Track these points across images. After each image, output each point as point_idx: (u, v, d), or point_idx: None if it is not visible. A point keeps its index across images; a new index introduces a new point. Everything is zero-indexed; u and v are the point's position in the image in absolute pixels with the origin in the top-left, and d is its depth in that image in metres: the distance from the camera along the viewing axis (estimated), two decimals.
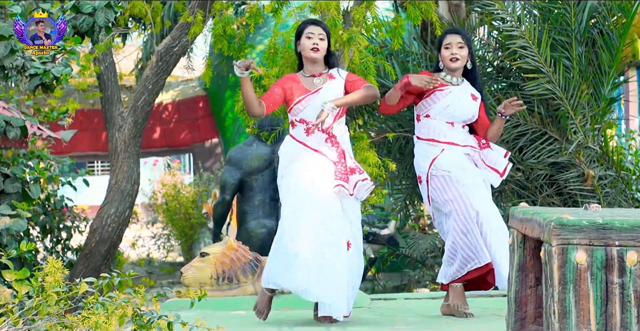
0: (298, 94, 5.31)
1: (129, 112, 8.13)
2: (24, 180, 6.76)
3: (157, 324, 3.62)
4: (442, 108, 5.51)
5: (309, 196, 5.20)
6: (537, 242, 3.79)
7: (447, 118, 5.53)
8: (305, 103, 5.30)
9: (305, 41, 5.29)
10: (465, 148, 5.54)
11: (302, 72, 5.41)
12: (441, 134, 5.53)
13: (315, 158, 5.28)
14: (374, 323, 5.40)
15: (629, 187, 7.97)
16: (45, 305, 3.52)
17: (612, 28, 7.70)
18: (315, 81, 5.36)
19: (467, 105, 5.55)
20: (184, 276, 6.08)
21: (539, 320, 3.86)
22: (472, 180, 5.49)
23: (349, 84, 5.36)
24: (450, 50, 5.49)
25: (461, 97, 5.53)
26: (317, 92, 5.32)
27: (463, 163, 5.51)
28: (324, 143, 5.29)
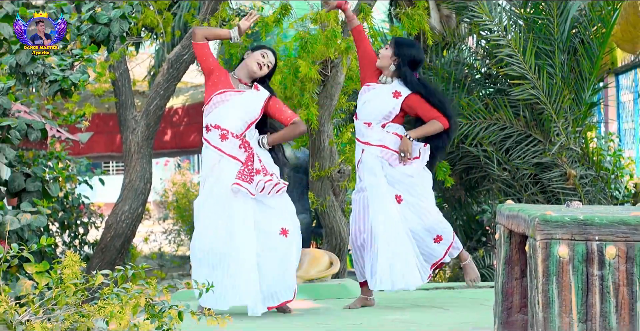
0: (221, 86, 5.22)
1: (142, 115, 8.12)
2: (43, 179, 6.76)
3: (168, 313, 3.61)
4: (361, 105, 5.47)
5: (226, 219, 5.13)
6: (523, 236, 3.78)
7: (365, 118, 5.45)
8: (225, 97, 5.19)
9: (257, 57, 5.24)
10: (377, 149, 5.40)
11: (233, 73, 5.32)
12: (360, 134, 5.49)
13: (234, 166, 5.14)
14: (369, 312, 5.39)
15: (608, 186, 7.97)
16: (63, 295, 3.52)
17: (593, 37, 7.71)
18: (241, 86, 5.28)
19: (385, 103, 5.41)
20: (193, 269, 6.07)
21: (524, 309, 3.86)
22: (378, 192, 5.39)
23: (272, 108, 5.27)
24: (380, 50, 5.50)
25: (380, 94, 5.42)
26: (239, 93, 5.21)
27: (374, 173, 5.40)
28: (237, 149, 5.17)
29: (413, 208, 5.43)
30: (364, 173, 5.46)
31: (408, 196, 5.42)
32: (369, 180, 5.43)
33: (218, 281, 4.99)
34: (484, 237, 9.26)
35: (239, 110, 5.19)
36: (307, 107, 6.44)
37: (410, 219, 5.42)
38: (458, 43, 8.38)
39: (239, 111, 5.19)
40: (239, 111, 5.19)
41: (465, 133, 7.88)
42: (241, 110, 5.19)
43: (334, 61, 6.44)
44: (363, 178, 5.47)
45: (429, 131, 5.41)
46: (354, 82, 6.54)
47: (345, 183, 6.98)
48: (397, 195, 5.42)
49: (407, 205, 5.42)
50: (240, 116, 5.19)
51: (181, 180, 14.33)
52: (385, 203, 5.39)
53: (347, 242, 7.07)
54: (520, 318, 3.88)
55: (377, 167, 5.41)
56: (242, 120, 5.19)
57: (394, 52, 5.42)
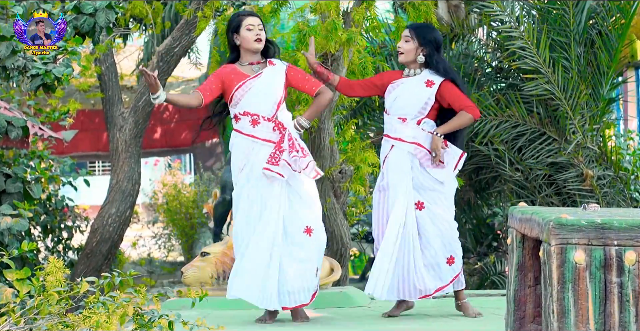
0: (237, 80, 5.27)
1: (130, 112, 8.13)
2: (25, 180, 6.77)
3: (158, 323, 3.62)
4: (392, 101, 5.48)
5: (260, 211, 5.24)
6: (536, 241, 3.79)
7: (399, 113, 5.47)
8: (246, 87, 5.25)
9: (247, 33, 5.26)
10: (411, 146, 5.41)
11: (239, 62, 5.36)
12: (392, 130, 5.49)
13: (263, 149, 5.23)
14: (373, 322, 5.40)
15: (628, 187, 7.97)
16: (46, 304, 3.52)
17: (611, 29, 7.70)
18: (254, 68, 5.33)
19: (419, 94, 5.42)
20: (185, 276, 6.08)
21: (537, 319, 3.87)
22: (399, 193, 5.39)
23: (294, 79, 5.36)
24: (399, 44, 5.50)
25: (411, 87, 5.43)
26: (257, 77, 5.28)
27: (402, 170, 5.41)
28: (272, 132, 5.26)
29: (435, 219, 5.41)
30: (388, 171, 5.46)
31: (432, 204, 5.41)
32: (393, 178, 5.43)
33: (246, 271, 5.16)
34: (495, 241, 9.26)
35: (264, 93, 5.26)
36: (306, 103, 6.44)
37: (430, 230, 5.40)
38: (467, 35, 8.38)
39: (264, 94, 5.26)
40: (264, 94, 5.26)
41: (475, 130, 7.88)
42: (267, 92, 5.27)
43: (335, 54, 6.44)
44: (386, 175, 5.47)
45: (459, 124, 5.40)
46: (356, 76, 6.53)
47: (347, 184, 6.98)
48: (420, 202, 5.40)
49: (429, 214, 5.41)
50: (267, 98, 5.27)
51: (172, 181, 14.33)
52: (403, 209, 5.37)
53: (349, 247, 7.07)
54: (533, 328, 3.88)
55: (405, 166, 5.41)
56: (271, 102, 5.27)
57: (420, 42, 5.42)
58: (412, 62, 5.47)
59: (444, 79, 5.42)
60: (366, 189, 7.05)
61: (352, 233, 8.42)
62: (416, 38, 5.42)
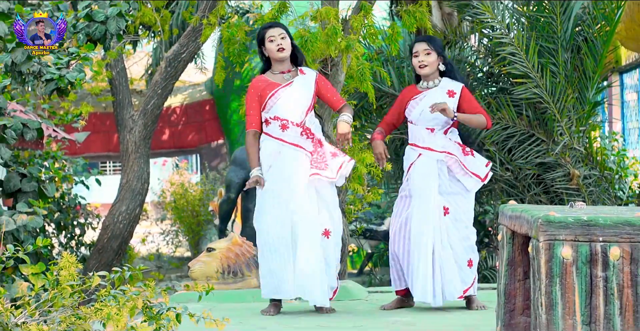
0: (269, 89, 5.31)
1: (140, 115, 8.12)
2: (39, 179, 6.76)
3: (166, 316, 3.61)
4: (418, 115, 5.45)
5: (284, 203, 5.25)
6: (526, 237, 3.79)
7: (426, 124, 5.45)
8: (278, 95, 5.29)
9: (270, 45, 5.31)
10: (441, 154, 5.41)
11: (270, 71, 5.41)
12: (420, 139, 5.46)
13: (295, 154, 5.26)
14: (370, 314, 5.39)
15: (612, 186, 7.97)
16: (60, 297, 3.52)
17: (596, 35, 7.70)
18: (286, 76, 5.37)
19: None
20: (192, 270, 6.08)
21: (527, 311, 3.86)
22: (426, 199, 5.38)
23: (323, 88, 5.39)
24: (418, 58, 5.44)
25: (436, 98, 5.42)
26: (289, 85, 5.32)
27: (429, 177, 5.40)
28: (299, 137, 5.29)
29: (457, 223, 5.40)
30: (414, 178, 5.42)
31: (456, 210, 5.40)
32: (419, 185, 5.38)
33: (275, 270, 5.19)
34: (486, 238, 9.26)
35: (295, 100, 5.30)
36: None
37: (453, 234, 5.39)
38: (460, 41, 8.38)
39: (295, 101, 5.30)
40: (295, 101, 5.30)
41: (468, 132, 7.87)
42: (297, 100, 5.31)
43: (334, 59, 6.43)
44: (412, 182, 5.42)
45: (474, 121, 5.41)
46: (355, 80, 6.53)
47: (346, 184, 6.97)
48: (445, 207, 5.38)
49: (452, 220, 5.40)
50: (297, 105, 5.30)
51: (179, 181, 14.32)
52: (432, 213, 5.35)
53: (348, 243, 7.06)
54: (523, 321, 3.88)
55: (432, 173, 5.39)
56: (300, 109, 5.30)
57: (438, 52, 5.44)
58: (432, 74, 5.47)
59: (462, 86, 5.46)
60: (364, 188, 7.05)
61: (350, 230, 8.42)
62: (434, 49, 5.42)
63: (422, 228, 5.34)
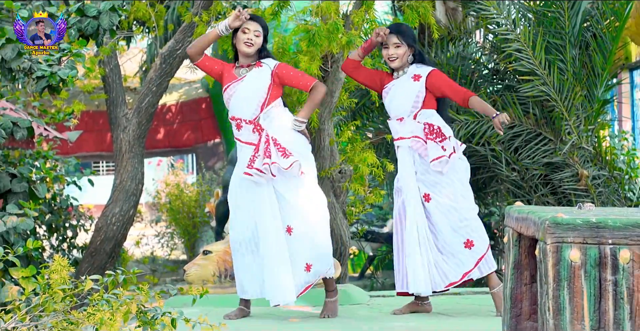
0: (227, 81, 5.39)
1: (133, 113, 8.12)
2: (30, 179, 6.76)
3: (161, 320, 3.61)
4: (388, 105, 5.54)
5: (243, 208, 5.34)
6: (532, 240, 3.78)
7: (396, 114, 5.51)
8: (231, 91, 5.36)
9: (241, 35, 5.35)
10: (409, 140, 5.44)
11: (237, 62, 5.46)
12: (395, 131, 5.55)
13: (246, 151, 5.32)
14: (372, 319, 5.40)
15: (622, 187, 7.97)
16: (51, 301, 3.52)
17: (605, 31, 7.70)
18: (242, 71, 5.41)
19: (408, 91, 5.45)
20: (187, 274, 6.08)
21: (533, 316, 3.86)
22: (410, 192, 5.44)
23: (286, 77, 5.35)
24: (388, 51, 5.49)
25: (400, 86, 5.47)
26: (240, 80, 5.36)
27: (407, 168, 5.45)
28: (252, 134, 5.33)
29: (441, 207, 5.41)
30: (400, 172, 5.52)
31: (437, 195, 5.42)
32: (403, 179, 5.48)
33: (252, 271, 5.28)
34: (492, 240, 9.26)
35: (245, 97, 5.32)
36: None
37: (438, 220, 5.41)
38: (464, 37, 8.38)
39: (246, 97, 5.32)
40: (246, 97, 5.32)
41: (472, 131, 7.88)
42: (248, 96, 5.32)
43: (335, 56, 6.43)
44: (400, 177, 5.52)
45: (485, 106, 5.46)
46: None
47: (346, 184, 6.97)
48: (426, 194, 5.42)
49: (436, 204, 5.42)
50: (249, 101, 5.32)
51: (174, 181, 14.33)
52: (414, 203, 5.41)
53: (349, 246, 7.07)
54: (529, 326, 3.88)
55: (409, 162, 5.46)
56: (253, 105, 5.32)
57: (408, 44, 5.48)
58: (403, 65, 5.51)
59: (431, 69, 5.47)
60: (365, 189, 7.05)
61: (351, 232, 8.42)
62: (404, 41, 5.46)
63: (410, 223, 5.40)
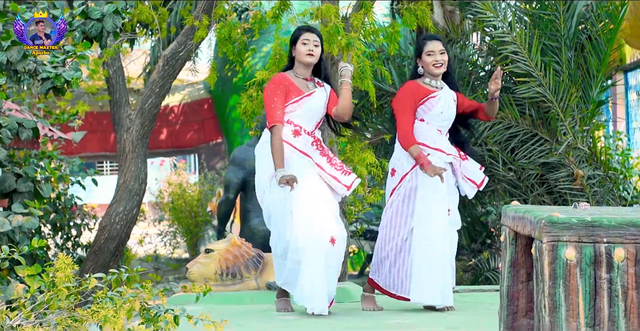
0: (295, 94, 5.36)
1: (137, 114, 8.12)
2: (35, 179, 6.76)
3: (164, 318, 3.61)
4: (436, 115, 5.49)
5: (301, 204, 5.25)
6: (529, 239, 3.78)
7: (438, 125, 5.50)
8: (302, 104, 5.36)
9: (301, 47, 5.37)
10: (449, 157, 5.49)
11: (294, 73, 5.44)
12: (430, 140, 5.50)
13: (304, 162, 5.30)
14: (371, 317, 5.39)
15: (617, 186, 7.96)
16: (56, 299, 3.52)
17: (600, 33, 7.70)
18: (309, 85, 5.43)
19: (453, 109, 5.57)
20: (190, 272, 6.08)
21: (530, 314, 3.86)
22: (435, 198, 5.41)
23: (332, 100, 5.46)
24: (434, 57, 5.45)
25: (448, 101, 5.53)
26: (310, 96, 5.39)
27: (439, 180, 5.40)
28: (310, 146, 5.36)
29: (453, 225, 5.54)
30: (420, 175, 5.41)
31: (452, 211, 5.51)
32: (427, 183, 5.39)
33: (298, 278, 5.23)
34: (489, 239, 9.25)
35: (313, 112, 5.40)
36: None
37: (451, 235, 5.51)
38: (462, 40, 8.37)
39: (313, 112, 5.41)
40: (313, 112, 5.41)
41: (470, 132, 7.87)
42: (315, 111, 5.42)
43: (335, 58, 6.43)
44: (419, 180, 5.42)
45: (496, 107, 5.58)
46: (355, 79, 6.52)
47: None
48: (448, 209, 5.49)
49: (450, 220, 5.51)
50: (314, 116, 5.43)
51: (177, 181, 14.33)
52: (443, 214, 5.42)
53: (348, 245, 7.06)
54: (526, 323, 3.88)
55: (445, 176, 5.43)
56: (314, 120, 5.43)
57: (448, 53, 5.52)
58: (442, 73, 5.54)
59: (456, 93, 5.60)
60: (364, 188, 7.05)
61: (350, 231, 8.41)
62: (447, 50, 5.53)
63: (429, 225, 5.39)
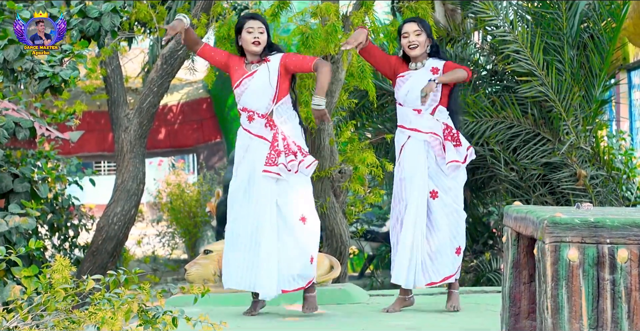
0: (237, 77, 5.42)
1: (135, 113, 8.11)
2: (32, 179, 6.75)
3: (162, 319, 3.61)
4: (404, 95, 5.51)
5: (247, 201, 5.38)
6: (531, 239, 3.78)
7: (412, 105, 5.49)
8: (243, 86, 5.39)
9: (247, 35, 5.39)
10: (427, 135, 5.46)
11: (245, 59, 5.49)
12: (407, 121, 5.52)
13: (260, 146, 5.35)
14: (372, 318, 5.39)
15: (620, 186, 7.96)
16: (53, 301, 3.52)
17: (603, 32, 7.70)
18: (252, 66, 5.45)
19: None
20: (188, 273, 6.08)
21: (532, 315, 3.86)
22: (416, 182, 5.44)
23: (291, 64, 5.37)
24: (408, 39, 5.48)
25: (420, 78, 5.47)
26: (251, 76, 5.40)
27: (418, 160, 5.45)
28: (264, 128, 5.37)
29: (446, 208, 5.47)
30: (405, 161, 5.50)
31: (444, 194, 5.46)
32: (409, 168, 5.48)
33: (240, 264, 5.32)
34: (491, 239, 9.25)
35: (257, 90, 5.37)
36: (306, 105, 6.43)
37: (440, 219, 5.46)
38: (463, 38, 8.37)
39: (257, 91, 5.37)
40: (257, 91, 5.37)
41: (471, 132, 7.87)
42: (260, 90, 5.38)
43: (335, 57, 6.43)
44: (404, 166, 5.52)
45: (456, 77, 5.42)
46: (355, 78, 6.53)
47: (346, 184, 6.97)
48: (434, 190, 5.46)
49: (442, 204, 5.46)
50: (261, 96, 5.38)
51: (175, 181, 14.33)
52: (419, 196, 5.43)
53: (348, 245, 7.07)
54: (528, 324, 3.87)
55: (421, 155, 5.47)
56: (265, 98, 5.38)
57: (427, 33, 5.51)
58: (422, 55, 5.52)
59: (445, 61, 5.52)
60: (365, 189, 7.05)
61: (351, 232, 8.41)
62: (424, 30, 5.50)
63: (410, 210, 5.41)
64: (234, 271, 5.37)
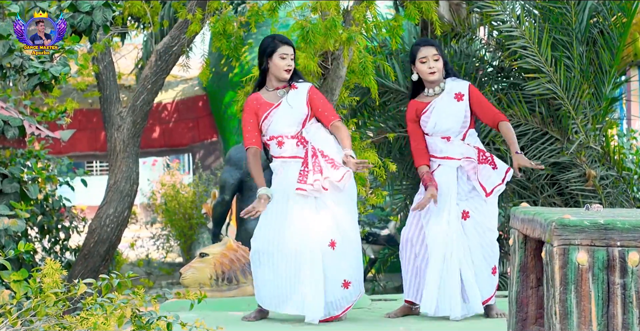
0: (263, 111, 5.42)
1: (128, 111, 8.11)
2: (21, 180, 6.76)
3: (157, 325, 3.61)
4: (432, 128, 5.51)
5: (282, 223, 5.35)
6: (539, 242, 3.78)
7: (441, 134, 5.50)
8: (271, 117, 5.40)
9: (280, 61, 5.39)
10: (460, 161, 5.47)
11: (266, 87, 5.50)
12: (437, 151, 5.52)
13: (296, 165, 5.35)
14: (374, 323, 5.39)
15: (631, 187, 7.96)
16: (43, 305, 3.52)
17: (613, 27, 7.70)
18: (279, 93, 5.46)
19: (454, 111, 5.48)
20: (183, 277, 6.08)
21: (540, 320, 3.86)
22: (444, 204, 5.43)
23: (315, 102, 5.43)
24: (427, 64, 5.45)
25: (444, 107, 5.48)
26: (278, 106, 5.41)
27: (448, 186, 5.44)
28: (296, 148, 5.39)
29: (479, 227, 5.45)
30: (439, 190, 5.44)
31: (475, 214, 5.45)
32: (443, 197, 5.43)
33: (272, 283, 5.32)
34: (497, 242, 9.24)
35: (286, 118, 5.40)
36: None
37: (473, 240, 5.44)
38: (468, 34, 8.37)
39: (286, 119, 5.40)
40: (286, 119, 5.40)
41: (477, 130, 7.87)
42: (289, 117, 5.40)
43: (335, 53, 6.43)
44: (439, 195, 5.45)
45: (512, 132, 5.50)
46: (357, 75, 6.53)
47: None
48: (465, 211, 5.45)
49: (474, 223, 5.45)
50: (290, 121, 5.41)
51: (170, 181, 14.33)
52: (451, 223, 5.41)
53: None
54: (536, 330, 3.87)
55: (451, 180, 5.45)
56: (295, 123, 5.41)
57: (443, 56, 5.50)
58: (439, 79, 5.50)
59: (468, 85, 5.51)
60: (366, 189, 7.04)
61: None
62: (441, 54, 5.49)
63: (438, 233, 5.38)
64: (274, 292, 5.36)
